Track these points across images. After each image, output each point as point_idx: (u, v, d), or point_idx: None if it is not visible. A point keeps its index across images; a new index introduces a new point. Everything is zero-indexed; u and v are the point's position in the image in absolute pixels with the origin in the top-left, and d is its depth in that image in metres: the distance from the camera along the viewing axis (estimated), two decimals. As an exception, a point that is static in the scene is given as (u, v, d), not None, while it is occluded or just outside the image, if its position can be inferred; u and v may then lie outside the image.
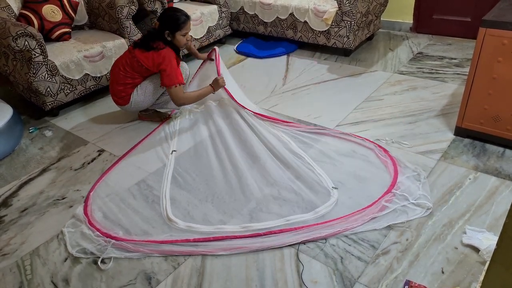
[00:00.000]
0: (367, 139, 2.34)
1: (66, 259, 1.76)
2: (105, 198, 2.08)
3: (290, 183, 2.04)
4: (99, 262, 1.72)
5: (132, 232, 1.85)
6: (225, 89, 2.54)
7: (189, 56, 3.46)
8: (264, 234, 1.76)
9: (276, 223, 1.80)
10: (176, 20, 2.41)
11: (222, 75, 2.56)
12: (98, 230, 1.86)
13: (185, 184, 2.14)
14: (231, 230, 1.79)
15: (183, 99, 2.47)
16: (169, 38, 2.44)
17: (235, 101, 2.55)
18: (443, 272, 1.56)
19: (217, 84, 2.53)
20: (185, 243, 1.76)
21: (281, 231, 1.76)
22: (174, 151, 2.42)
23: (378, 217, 1.80)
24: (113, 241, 1.79)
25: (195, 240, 1.77)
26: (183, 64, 2.72)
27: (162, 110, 2.83)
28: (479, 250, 1.60)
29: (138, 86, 2.54)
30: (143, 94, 2.56)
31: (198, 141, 2.49)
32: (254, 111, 2.61)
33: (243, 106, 2.57)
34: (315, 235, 1.73)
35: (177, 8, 2.49)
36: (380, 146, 2.27)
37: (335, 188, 1.98)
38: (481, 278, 1.47)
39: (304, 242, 1.72)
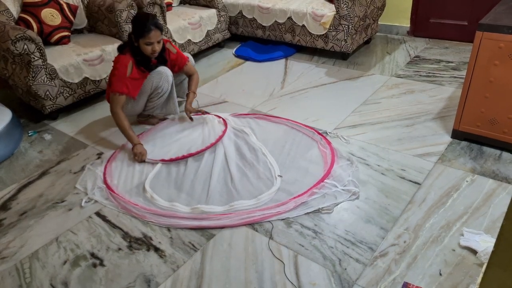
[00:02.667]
0: (316, 131, 2.51)
1: (65, 262, 1.77)
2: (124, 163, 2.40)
3: (243, 173, 2.21)
4: (82, 203, 2.09)
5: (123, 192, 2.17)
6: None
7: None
8: (208, 217, 1.93)
9: (220, 209, 1.98)
10: (140, 26, 2.29)
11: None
12: (104, 176, 2.26)
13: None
14: (181, 210, 1.99)
15: (113, 113, 2.41)
16: (136, 44, 2.37)
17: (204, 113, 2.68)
18: (440, 274, 1.56)
19: (133, 150, 2.40)
20: (146, 211, 2.01)
21: (222, 215, 1.93)
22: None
23: (308, 201, 1.96)
24: (109, 191, 2.16)
25: (152, 211, 2.01)
26: (161, 70, 2.51)
27: (159, 114, 2.83)
28: (477, 252, 1.61)
29: None
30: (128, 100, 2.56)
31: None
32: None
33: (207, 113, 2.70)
34: (253, 218, 1.90)
35: (149, 15, 2.36)
36: (325, 138, 2.43)
37: (280, 176, 2.14)
38: (479, 280, 1.48)
39: (247, 224, 1.89)
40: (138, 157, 2.35)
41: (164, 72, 2.51)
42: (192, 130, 2.64)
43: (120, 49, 2.48)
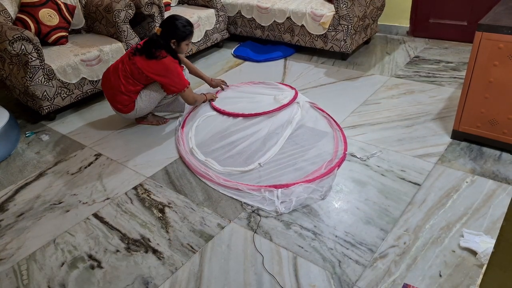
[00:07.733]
0: (343, 135, 2.47)
1: (63, 264, 1.76)
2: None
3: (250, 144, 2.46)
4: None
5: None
6: (211, 103, 2.90)
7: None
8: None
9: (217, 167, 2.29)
10: (184, 30, 2.42)
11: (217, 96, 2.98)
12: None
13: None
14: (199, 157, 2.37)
15: (195, 100, 2.66)
16: (173, 46, 2.44)
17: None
18: (440, 276, 1.56)
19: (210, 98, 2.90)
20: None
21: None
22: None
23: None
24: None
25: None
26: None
27: (161, 114, 2.82)
28: (477, 253, 1.60)
29: (141, 92, 2.52)
30: (147, 100, 2.54)
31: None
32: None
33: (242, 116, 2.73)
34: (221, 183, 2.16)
35: (182, 17, 2.47)
36: (345, 142, 2.40)
37: (260, 165, 2.26)
38: (479, 281, 1.48)
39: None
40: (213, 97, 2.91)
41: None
42: (264, 98, 2.92)
43: (150, 54, 2.40)
